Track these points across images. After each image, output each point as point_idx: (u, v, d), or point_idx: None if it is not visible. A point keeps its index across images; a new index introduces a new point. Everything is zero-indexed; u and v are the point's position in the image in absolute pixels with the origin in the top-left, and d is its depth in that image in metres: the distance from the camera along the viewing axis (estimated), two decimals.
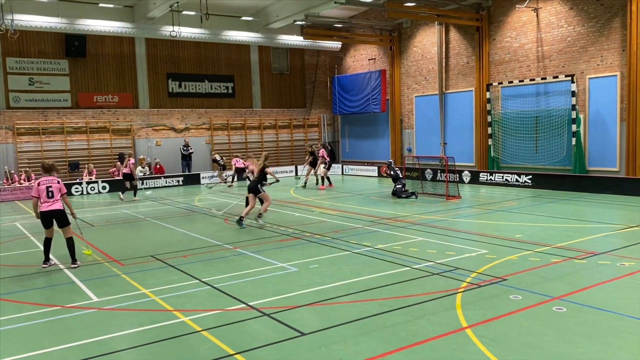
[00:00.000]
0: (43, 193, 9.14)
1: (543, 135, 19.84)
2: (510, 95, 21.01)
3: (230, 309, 6.88)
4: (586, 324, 5.99)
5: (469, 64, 22.74)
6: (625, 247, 9.48)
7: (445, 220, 12.92)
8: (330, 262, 9.23)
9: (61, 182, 9.45)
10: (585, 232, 11.02)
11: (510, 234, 10.96)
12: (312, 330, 6.02)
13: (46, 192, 9.16)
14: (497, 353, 5.25)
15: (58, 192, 9.29)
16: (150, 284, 8.14)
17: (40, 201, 9.18)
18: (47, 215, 9.17)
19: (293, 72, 29.74)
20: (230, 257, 9.84)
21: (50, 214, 9.19)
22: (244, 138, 28.03)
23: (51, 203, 9.19)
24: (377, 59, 27.52)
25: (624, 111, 17.59)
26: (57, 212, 9.25)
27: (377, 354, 5.33)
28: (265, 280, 8.19)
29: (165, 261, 9.65)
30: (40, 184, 9.21)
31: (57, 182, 9.35)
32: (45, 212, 9.16)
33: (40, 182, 9.25)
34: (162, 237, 12.12)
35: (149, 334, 6.13)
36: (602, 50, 18.08)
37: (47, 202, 9.17)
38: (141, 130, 25.35)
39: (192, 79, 26.57)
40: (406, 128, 26.27)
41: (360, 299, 7.11)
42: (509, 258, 8.96)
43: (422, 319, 6.27)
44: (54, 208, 9.21)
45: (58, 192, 9.29)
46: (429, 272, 8.27)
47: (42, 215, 9.19)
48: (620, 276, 7.76)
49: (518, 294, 7.03)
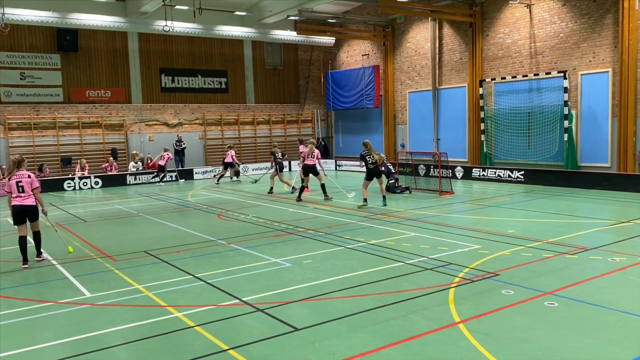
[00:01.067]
0: (13, 187, 9.02)
1: (535, 131, 19.93)
2: (503, 92, 21.08)
3: (224, 305, 6.89)
4: (577, 318, 6.05)
5: (462, 59, 22.78)
6: (616, 243, 9.56)
7: (438, 216, 12.97)
8: (323, 257, 9.24)
9: (33, 177, 9.25)
10: (576, 227, 11.09)
11: (502, 229, 11.02)
12: (306, 326, 6.03)
13: (16, 187, 9.02)
14: (489, 348, 5.29)
15: (29, 187, 9.10)
16: (143, 280, 8.13)
17: (12, 196, 9.04)
18: (18, 209, 9.02)
19: (287, 68, 29.69)
20: (224, 253, 9.83)
21: (22, 208, 9.03)
22: (238, 133, 27.97)
23: (23, 197, 9.04)
24: (371, 55, 27.51)
25: (615, 107, 17.69)
26: (29, 207, 9.09)
27: (370, 349, 5.36)
28: (259, 276, 8.20)
29: (159, 257, 9.64)
30: (10, 178, 9.10)
31: (28, 177, 9.16)
32: (17, 207, 9.02)
33: (12, 176, 9.12)
34: (155, 233, 12.10)
35: (142, 330, 6.12)
36: (594, 46, 18.17)
37: (18, 196, 9.02)
38: (134, 126, 25.25)
39: (185, 74, 26.47)
40: (399, 124, 26.30)
41: (354, 294, 7.13)
42: (502, 253, 9.02)
43: (415, 314, 6.31)
44: (26, 203, 9.05)
45: (29, 186, 9.09)
46: (422, 267, 8.31)
47: (13, 209, 9.06)
48: (611, 271, 7.83)
49: (510, 289, 7.08)
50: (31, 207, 9.14)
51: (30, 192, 9.14)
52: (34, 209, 9.19)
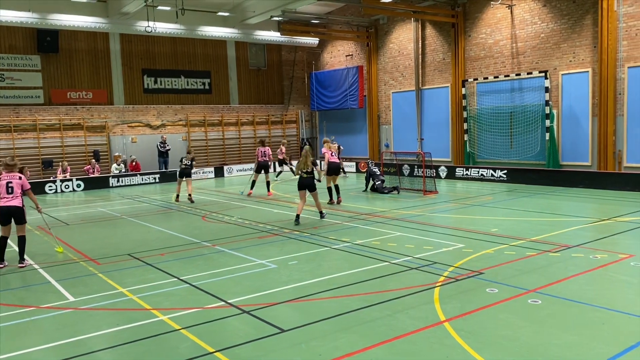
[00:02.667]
0: (2, 188, 9.04)
1: (517, 130, 20.15)
2: (485, 91, 21.28)
3: (209, 307, 6.85)
4: (561, 315, 6.13)
5: (444, 60, 22.95)
6: (598, 240, 9.71)
7: (422, 215, 13.04)
8: (309, 258, 9.25)
9: (24, 179, 9.26)
10: (558, 225, 11.24)
11: (486, 228, 11.12)
12: (292, 327, 6.03)
13: (6, 188, 9.05)
14: (474, 346, 5.33)
15: (19, 188, 9.12)
16: (127, 283, 8.06)
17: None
18: (4, 211, 9.02)
19: (270, 68, 29.63)
20: (209, 255, 9.78)
21: (7, 210, 9.03)
22: (222, 134, 27.84)
23: (9, 199, 9.04)
24: (355, 55, 27.58)
25: (595, 107, 17.96)
26: (15, 209, 9.08)
27: (356, 349, 5.37)
28: (244, 278, 8.17)
29: (143, 259, 9.55)
30: (0, 179, 9.11)
31: (19, 178, 9.18)
32: (3, 208, 9.02)
33: (2, 177, 9.13)
34: (138, 235, 11.99)
35: (127, 333, 6.06)
36: (575, 46, 18.43)
37: (5, 197, 9.03)
38: (116, 127, 24.99)
39: (168, 75, 26.27)
40: (383, 124, 26.41)
41: (340, 295, 7.14)
42: (485, 252, 9.10)
43: (401, 313, 6.34)
44: (12, 204, 9.05)
45: (19, 187, 9.12)
46: (407, 267, 8.35)
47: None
48: (592, 268, 7.94)
49: (494, 287, 7.15)
50: (17, 208, 9.10)
51: (18, 194, 9.12)
52: (20, 210, 9.14)
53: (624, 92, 17.23)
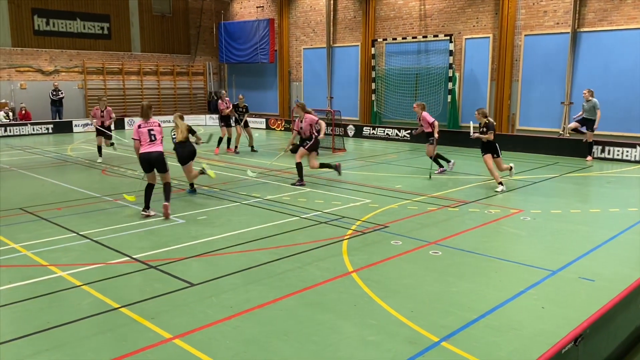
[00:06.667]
0: (145, 135, 8.76)
1: (422, 92, 20.85)
2: (393, 52, 21.69)
3: (112, 263, 6.57)
4: (459, 265, 6.55)
5: (355, 18, 23.01)
6: (491, 197, 10.41)
7: (331, 172, 13.23)
8: (219, 213, 9.11)
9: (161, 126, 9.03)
10: (457, 183, 11.90)
11: (390, 184, 11.53)
12: (202, 281, 5.95)
13: (148, 135, 8.77)
14: (380, 294, 5.57)
15: (160, 135, 8.90)
16: (20, 239, 7.50)
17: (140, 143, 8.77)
18: (145, 157, 8.75)
19: (176, 15, 28.13)
20: (111, 210, 9.33)
21: (149, 156, 8.74)
22: (122, 84, 26.26)
23: (152, 145, 8.77)
24: (266, 7, 26.86)
25: (494, 72, 18.97)
26: (156, 155, 8.77)
27: (267, 300, 5.42)
28: (150, 233, 7.91)
29: (37, 214, 8.92)
30: (141, 126, 8.80)
31: (158, 125, 8.95)
32: (144, 154, 8.75)
33: (141, 124, 8.83)
34: (32, 189, 11.15)
35: (22, 291, 5.68)
36: (478, 12, 19.19)
37: (148, 144, 8.77)
38: (2, 72, 22.71)
39: (62, 17, 24.10)
40: (294, 80, 26.21)
41: (250, 249, 7.13)
42: (390, 207, 9.46)
43: (311, 265, 6.46)
44: (153, 149, 8.76)
45: (160, 135, 8.90)
46: (316, 221, 8.49)
47: (141, 157, 8.78)
48: (487, 222, 8.53)
49: (399, 240, 7.47)
50: (159, 154, 8.80)
51: (160, 141, 8.88)
52: (161, 156, 8.83)
53: (520, 59, 18.32)
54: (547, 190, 11.23)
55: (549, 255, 6.91)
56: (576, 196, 11.04)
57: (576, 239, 7.75)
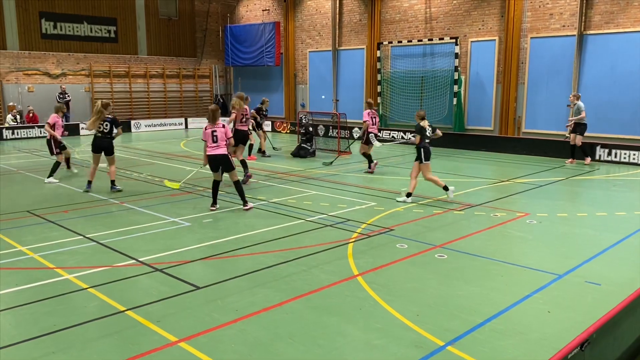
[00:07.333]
0: (209, 137, 9.33)
1: (428, 94, 20.83)
2: (399, 55, 21.68)
3: (118, 265, 6.60)
4: (464, 269, 6.53)
5: (361, 21, 23.02)
6: (497, 200, 10.38)
7: (337, 175, 13.26)
8: (224, 216, 9.13)
9: (227, 127, 9.49)
10: (463, 185, 11.87)
11: (396, 187, 11.51)
12: (207, 284, 5.96)
13: (211, 137, 9.33)
14: (385, 298, 5.57)
15: (223, 137, 9.38)
16: (27, 241, 7.55)
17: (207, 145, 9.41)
18: (211, 158, 9.39)
19: (182, 19, 28.24)
20: (117, 213, 9.37)
21: (214, 158, 9.36)
22: (129, 87, 26.38)
23: (215, 147, 9.34)
24: (272, 11, 26.93)
25: (500, 74, 18.93)
26: (221, 157, 9.36)
27: (273, 304, 5.42)
28: (156, 236, 7.93)
29: (44, 217, 8.97)
30: (207, 128, 9.37)
31: (222, 127, 9.41)
32: (210, 156, 9.39)
33: (207, 127, 9.39)
34: (38, 191, 11.22)
35: (28, 293, 5.71)
36: (484, 15, 19.16)
37: (211, 146, 9.35)
38: (10, 75, 22.87)
39: (69, 20, 24.24)
40: (300, 83, 26.24)
41: (256, 252, 7.14)
42: (396, 210, 9.45)
43: (316, 268, 6.46)
44: (217, 152, 9.34)
45: (223, 136, 9.37)
46: (322, 224, 8.49)
47: (207, 158, 9.45)
48: (493, 225, 8.51)
49: (404, 243, 7.46)
50: (223, 155, 9.35)
51: (223, 143, 9.39)
52: (225, 157, 9.39)
53: (526, 62, 18.27)
54: (553, 194, 11.19)
55: (555, 259, 6.88)
56: (582, 199, 11.00)
57: (582, 242, 7.72)
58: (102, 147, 10.95)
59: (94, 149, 11.04)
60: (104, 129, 10.85)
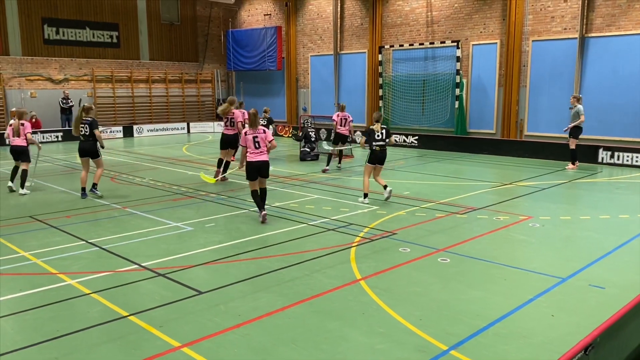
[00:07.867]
0: (250, 143, 8.92)
1: (429, 98, 20.83)
2: (400, 59, 21.70)
3: (121, 270, 6.60)
4: (467, 272, 6.52)
5: (362, 25, 23.06)
6: (500, 203, 10.37)
7: (339, 179, 13.26)
8: (227, 220, 9.14)
9: (268, 132, 9.07)
10: (465, 189, 11.86)
11: (398, 191, 11.49)
12: (210, 289, 5.96)
13: (253, 143, 8.92)
14: (388, 302, 5.56)
15: (264, 143, 8.97)
16: (30, 247, 7.56)
17: (247, 151, 9.00)
18: (253, 165, 8.93)
19: (184, 24, 28.32)
20: (120, 217, 9.38)
21: (256, 165, 8.93)
22: (131, 92, 26.44)
23: (258, 153, 8.95)
24: (273, 15, 26.99)
25: (502, 77, 18.92)
26: (263, 163, 8.98)
27: (276, 309, 5.41)
28: (159, 240, 7.94)
29: (47, 222, 8.99)
30: (247, 133, 8.97)
31: (263, 132, 9.02)
32: (252, 163, 8.94)
33: (247, 132, 8.99)
34: (41, 196, 11.24)
35: (32, 299, 5.71)
36: (485, 18, 19.17)
37: (254, 152, 8.94)
38: (13, 80, 22.95)
39: (72, 26, 24.33)
40: (302, 87, 26.27)
41: (258, 256, 7.14)
42: (398, 214, 9.44)
43: (319, 272, 6.46)
44: (261, 159, 8.95)
45: (264, 142, 8.97)
46: (324, 228, 8.49)
47: (248, 166, 8.98)
48: (495, 229, 8.49)
49: (407, 247, 7.45)
50: (265, 162, 9.00)
51: (265, 148, 9.00)
52: (267, 164, 9.06)
53: (527, 65, 18.26)
54: (556, 197, 11.17)
55: (559, 262, 6.87)
56: (585, 202, 10.97)
57: (586, 245, 7.70)
58: (85, 149, 10.88)
59: (79, 152, 11.03)
60: (85, 132, 10.81)
